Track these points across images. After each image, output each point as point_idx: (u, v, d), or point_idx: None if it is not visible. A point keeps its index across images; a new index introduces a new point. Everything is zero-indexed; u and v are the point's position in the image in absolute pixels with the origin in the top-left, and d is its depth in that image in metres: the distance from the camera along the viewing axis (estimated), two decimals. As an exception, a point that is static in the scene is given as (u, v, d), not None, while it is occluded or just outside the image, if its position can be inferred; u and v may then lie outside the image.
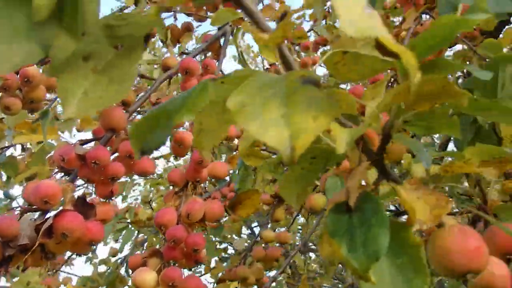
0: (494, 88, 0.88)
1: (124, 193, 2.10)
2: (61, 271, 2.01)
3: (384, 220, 0.38)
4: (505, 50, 1.51)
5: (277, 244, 1.40)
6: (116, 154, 0.89)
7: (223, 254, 2.42)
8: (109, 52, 0.39)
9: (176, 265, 0.89)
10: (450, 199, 0.46)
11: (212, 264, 2.52)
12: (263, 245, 1.36)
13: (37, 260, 0.80)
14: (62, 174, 0.88)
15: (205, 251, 0.88)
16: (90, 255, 2.27)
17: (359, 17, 0.30)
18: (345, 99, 0.46)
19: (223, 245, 2.77)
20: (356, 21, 0.29)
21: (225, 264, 2.22)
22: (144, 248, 1.75)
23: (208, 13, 1.29)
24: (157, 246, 0.95)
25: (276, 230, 1.63)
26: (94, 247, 2.31)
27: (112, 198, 0.85)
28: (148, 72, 1.92)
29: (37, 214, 0.80)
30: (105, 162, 0.80)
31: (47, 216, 0.78)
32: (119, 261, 1.94)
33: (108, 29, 0.37)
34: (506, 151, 0.56)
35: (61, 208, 0.77)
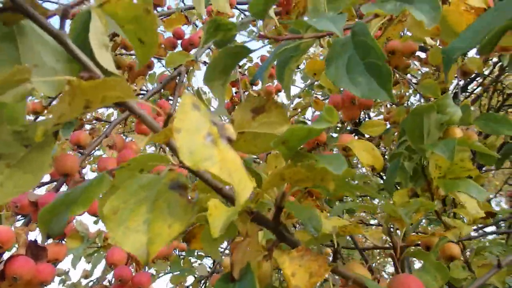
0: (421, 134, 0.96)
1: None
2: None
3: (256, 292, 0.45)
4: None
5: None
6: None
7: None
8: (20, 151, 0.45)
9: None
10: (333, 263, 0.52)
11: (188, 282, 2.58)
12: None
13: (-8, 299, 0.85)
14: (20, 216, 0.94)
15: (152, 286, 0.94)
16: (63, 277, 2.32)
17: (199, 146, 0.35)
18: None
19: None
20: (195, 151, 0.35)
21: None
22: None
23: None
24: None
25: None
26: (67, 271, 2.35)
27: (64, 240, 0.90)
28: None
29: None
30: (55, 208, 0.86)
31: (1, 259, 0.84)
32: (90, 284, 1.99)
33: (17, 134, 0.44)
34: (398, 211, 0.63)
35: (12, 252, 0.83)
